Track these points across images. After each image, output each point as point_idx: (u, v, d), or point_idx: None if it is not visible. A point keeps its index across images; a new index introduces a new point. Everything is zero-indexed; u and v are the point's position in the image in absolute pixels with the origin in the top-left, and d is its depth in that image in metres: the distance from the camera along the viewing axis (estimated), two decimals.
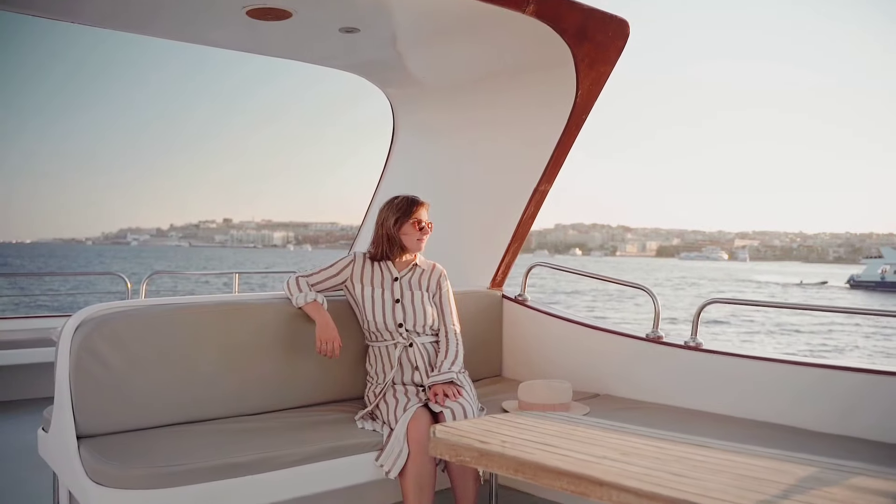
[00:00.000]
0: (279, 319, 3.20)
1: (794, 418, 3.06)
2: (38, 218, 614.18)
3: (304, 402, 3.27)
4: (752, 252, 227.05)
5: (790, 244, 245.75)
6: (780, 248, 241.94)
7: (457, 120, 4.37)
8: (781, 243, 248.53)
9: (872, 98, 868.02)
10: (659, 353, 3.51)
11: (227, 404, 3.04)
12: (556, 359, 3.93)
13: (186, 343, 2.95)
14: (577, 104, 3.69)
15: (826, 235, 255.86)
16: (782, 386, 3.11)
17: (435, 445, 2.04)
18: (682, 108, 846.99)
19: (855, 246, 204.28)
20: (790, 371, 3.11)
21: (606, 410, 3.32)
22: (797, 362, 3.12)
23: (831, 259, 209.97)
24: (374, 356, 3.27)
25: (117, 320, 2.79)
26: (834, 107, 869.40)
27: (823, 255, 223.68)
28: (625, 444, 2.01)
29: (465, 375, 3.33)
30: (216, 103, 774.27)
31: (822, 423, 3.01)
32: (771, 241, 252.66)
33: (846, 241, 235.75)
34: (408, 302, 3.24)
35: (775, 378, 3.13)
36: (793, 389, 3.08)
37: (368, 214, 5.12)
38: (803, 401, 3.04)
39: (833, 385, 2.99)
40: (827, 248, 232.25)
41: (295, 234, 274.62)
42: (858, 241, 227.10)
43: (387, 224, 3.27)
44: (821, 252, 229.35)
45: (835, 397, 2.98)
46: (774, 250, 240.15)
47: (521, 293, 4.16)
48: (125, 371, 2.77)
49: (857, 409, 2.94)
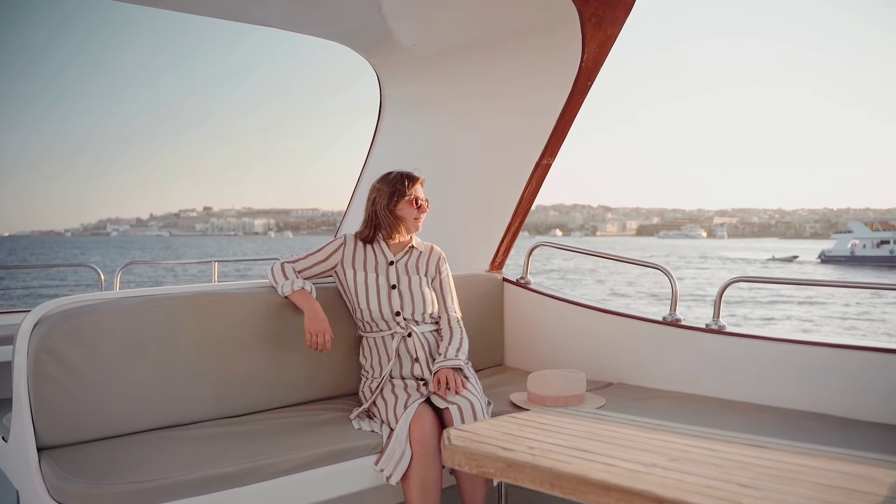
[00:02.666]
0: (263, 310, 2.89)
1: (836, 406, 2.78)
2: (15, 211, 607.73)
3: (293, 401, 2.97)
4: (730, 229, 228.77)
5: (768, 221, 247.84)
6: (758, 224, 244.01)
7: (449, 90, 4.05)
8: (760, 220, 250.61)
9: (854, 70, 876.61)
10: (678, 337, 3.24)
11: (207, 406, 2.73)
12: (564, 346, 3.65)
13: (160, 339, 2.63)
14: (583, 69, 3.39)
15: (804, 212, 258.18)
16: (822, 371, 2.83)
17: (451, 454, 1.75)
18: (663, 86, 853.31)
19: (831, 222, 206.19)
20: (829, 355, 2.83)
21: (623, 401, 3.05)
22: (835, 345, 2.84)
23: (808, 235, 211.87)
24: (369, 348, 2.98)
25: (80, 316, 2.47)
26: (815, 79, 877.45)
27: (800, 231, 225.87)
28: (672, 448, 1.73)
29: (468, 366, 3.05)
30: (199, 93, 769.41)
31: (872, 412, 2.72)
32: (749, 218, 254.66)
33: (822, 217, 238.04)
34: (405, 287, 2.95)
35: (813, 363, 2.85)
36: (834, 375, 2.80)
37: (355, 196, 4.80)
38: (846, 387, 2.77)
39: (880, 370, 2.71)
40: (804, 223, 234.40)
41: (276, 221, 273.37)
42: (835, 216, 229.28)
43: (379, 202, 2.97)
44: (798, 228, 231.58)
45: (882, 383, 2.70)
46: (752, 227, 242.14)
47: (522, 275, 3.87)
48: (91, 373, 2.46)
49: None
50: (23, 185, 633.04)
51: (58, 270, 33.59)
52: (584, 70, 3.40)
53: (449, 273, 3.13)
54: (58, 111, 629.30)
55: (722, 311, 3.18)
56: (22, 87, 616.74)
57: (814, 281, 3.31)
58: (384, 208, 2.95)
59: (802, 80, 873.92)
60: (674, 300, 3.29)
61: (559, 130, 3.56)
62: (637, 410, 2.90)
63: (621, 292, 36.80)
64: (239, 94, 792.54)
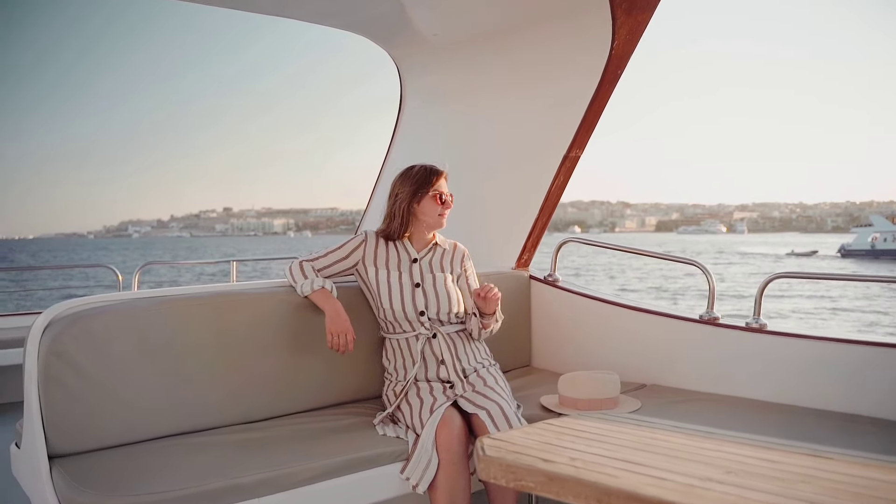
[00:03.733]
0: (282, 311, 2.77)
1: (887, 409, 2.62)
2: (40, 214, 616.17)
3: (313, 405, 2.85)
4: (750, 224, 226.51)
5: (789, 215, 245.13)
6: (778, 219, 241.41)
7: (472, 81, 3.91)
8: (781, 214, 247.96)
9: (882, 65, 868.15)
10: (715, 336, 3.08)
11: (224, 412, 2.62)
12: (594, 346, 3.51)
13: (174, 342, 2.52)
14: (613, 57, 3.23)
15: (826, 205, 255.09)
16: (872, 372, 2.66)
17: (486, 466, 1.62)
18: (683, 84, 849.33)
19: (853, 215, 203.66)
20: (881, 355, 2.66)
21: (660, 404, 2.90)
22: (889, 344, 2.67)
23: (829, 229, 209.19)
24: (392, 350, 2.85)
25: (92, 317, 2.36)
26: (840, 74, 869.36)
27: (822, 225, 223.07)
28: (726, 458, 1.59)
29: (496, 368, 2.91)
30: (215, 92, 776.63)
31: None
32: (770, 213, 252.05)
33: (844, 211, 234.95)
34: (429, 286, 2.82)
35: (861, 364, 2.69)
36: (887, 376, 2.63)
37: (375, 194, 4.67)
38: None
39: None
40: (825, 217, 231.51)
41: (295, 220, 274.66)
42: (857, 210, 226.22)
43: (402, 198, 2.84)
44: (819, 222, 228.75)
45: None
46: (773, 222, 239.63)
47: (550, 273, 3.73)
48: (102, 377, 2.35)
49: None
50: (46, 188, 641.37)
51: (79, 271, 33.72)
52: (614, 58, 3.24)
53: (474, 271, 3.00)
54: (75, 113, 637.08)
55: (761, 307, 3.02)
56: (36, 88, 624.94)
57: (856, 276, 3.13)
58: (407, 204, 2.82)
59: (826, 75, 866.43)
60: (711, 297, 3.13)
61: (588, 121, 3.41)
62: (675, 414, 2.75)
63: (632, 287, 36.37)
64: (254, 92, 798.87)
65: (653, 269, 46.34)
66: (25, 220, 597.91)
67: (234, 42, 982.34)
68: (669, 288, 34.60)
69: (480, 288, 2.81)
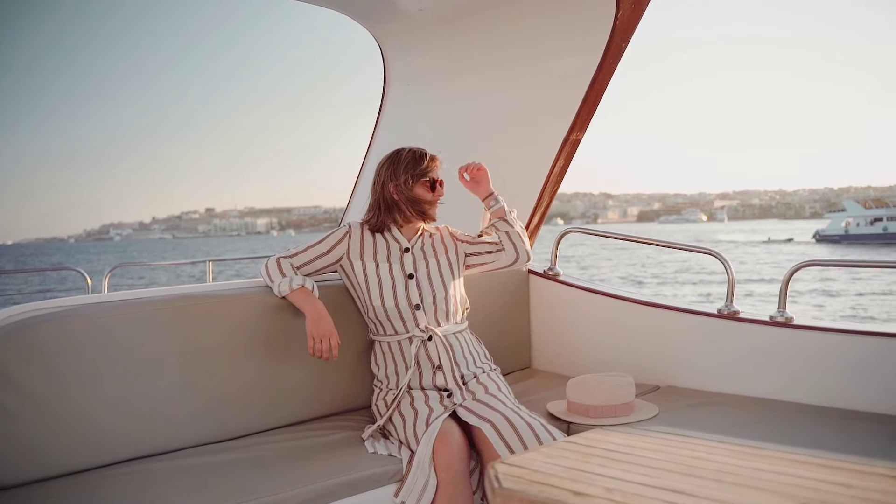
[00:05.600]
0: (258, 314, 2.47)
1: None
2: (20, 218, 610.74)
3: (295, 419, 2.56)
4: (730, 212, 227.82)
5: (769, 202, 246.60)
6: (758, 206, 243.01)
7: (462, 60, 3.60)
8: (761, 202, 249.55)
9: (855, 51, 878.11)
10: (737, 331, 2.81)
11: (194, 430, 2.32)
12: (599, 345, 3.23)
13: (136, 352, 2.22)
14: (617, 27, 2.95)
15: (805, 192, 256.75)
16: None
17: (503, 501, 1.33)
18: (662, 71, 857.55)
19: (830, 201, 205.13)
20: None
21: (679, 409, 2.62)
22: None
23: (808, 215, 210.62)
24: (383, 354, 2.56)
25: (36, 327, 2.05)
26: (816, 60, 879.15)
27: (800, 212, 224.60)
28: (794, 484, 1.31)
29: (497, 373, 2.63)
30: (199, 93, 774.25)
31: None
32: (750, 200, 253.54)
33: (822, 197, 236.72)
34: (423, 275, 2.54)
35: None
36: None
37: (358, 185, 4.36)
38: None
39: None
40: (804, 204, 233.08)
41: (278, 219, 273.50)
42: (835, 196, 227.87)
43: (389, 185, 2.55)
44: (798, 209, 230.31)
45: None
46: (753, 209, 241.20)
47: (551, 266, 3.44)
48: (50, 396, 2.04)
49: None
50: (23, 192, 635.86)
51: (53, 275, 32.13)
52: (619, 29, 2.96)
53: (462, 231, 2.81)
54: (55, 115, 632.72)
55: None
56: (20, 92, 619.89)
57: (885, 263, 2.86)
58: (395, 191, 2.54)
59: (803, 61, 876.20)
60: (730, 290, 2.86)
61: (590, 100, 3.12)
62: (699, 420, 2.48)
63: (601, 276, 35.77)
64: (236, 93, 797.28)
65: (629, 254, 45.16)
66: (5, 226, 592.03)
67: (216, 44, 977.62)
68: (641, 276, 34.24)
69: (463, 168, 2.71)
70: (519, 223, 2.74)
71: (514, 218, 2.72)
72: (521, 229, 2.73)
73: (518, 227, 2.72)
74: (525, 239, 2.73)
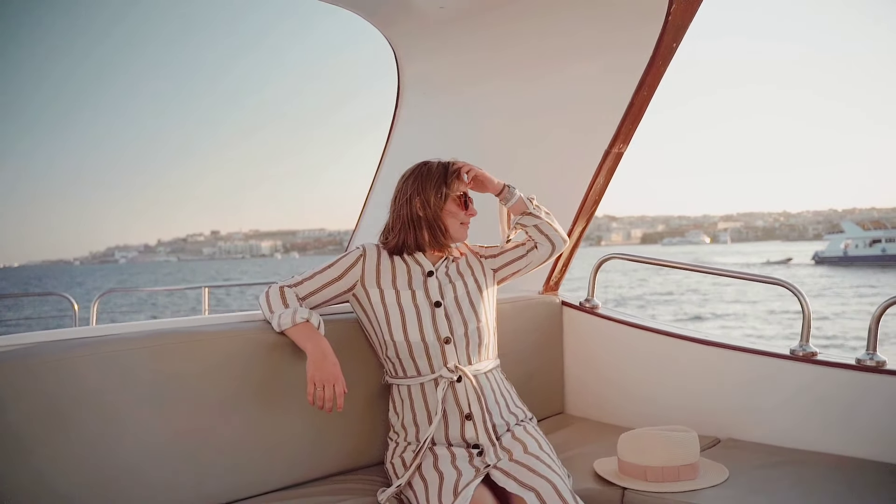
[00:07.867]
0: (250, 353, 2.05)
1: None
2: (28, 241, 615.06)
3: (292, 481, 2.12)
4: (734, 234, 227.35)
5: (773, 224, 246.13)
6: (762, 228, 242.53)
7: (483, 62, 3.20)
8: (764, 223, 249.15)
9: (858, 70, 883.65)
10: (814, 376, 2.39)
11: (171, 493, 1.89)
12: (645, 389, 2.81)
13: (100, 400, 1.80)
14: (669, 25, 2.55)
15: (809, 213, 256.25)
16: None
17: None
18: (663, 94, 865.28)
19: (833, 223, 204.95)
20: None
21: (752, 470, 2.19)
22: None
23: (811, 236, 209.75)
24: (401, 400, 2.14)
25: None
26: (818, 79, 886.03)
27: (804, 233, 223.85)
28: None
29: (534, 425, 2.21)
30: (203, 115, 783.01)
31: None
32: (754, 222, 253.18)
33: (826, 219, 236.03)
34: (451, 302, 2.14)
35: None
36: None
37: (366, 209, 3.96)
38: None
39: None
40: (808, 225, 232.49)
41: (283, 242, 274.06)
42: (838, 217, 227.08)
43: (415, 201, 2.15)
44: (801, 230, 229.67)
45: None
46: (757, 231, 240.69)
47: (588, 297, 3.03)
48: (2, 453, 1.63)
49: None
50: (27, 215, 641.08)
51: (46, 298, 29.93)
52: (671, 26, 2.56)
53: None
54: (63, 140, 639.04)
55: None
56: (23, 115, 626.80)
57: None
58: (426, 209, 2.14)
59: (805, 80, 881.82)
60: (806, 327, 2.44)
61: (635, 107, 2.72)
62: (775, 483, 2.06)
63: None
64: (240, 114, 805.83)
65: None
66: (13, 248, 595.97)
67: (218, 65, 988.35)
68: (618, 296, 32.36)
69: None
70: (543, 208, 2.37)
71: (535, 206, 2.35)
72: (546, 215, 2.36)
73: (544, 215, 2.35)
74: (555, 224, 2.37)
